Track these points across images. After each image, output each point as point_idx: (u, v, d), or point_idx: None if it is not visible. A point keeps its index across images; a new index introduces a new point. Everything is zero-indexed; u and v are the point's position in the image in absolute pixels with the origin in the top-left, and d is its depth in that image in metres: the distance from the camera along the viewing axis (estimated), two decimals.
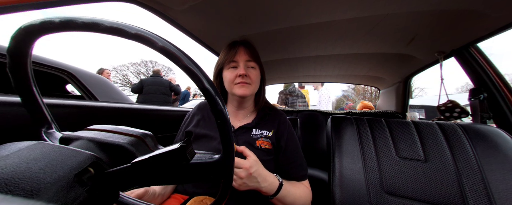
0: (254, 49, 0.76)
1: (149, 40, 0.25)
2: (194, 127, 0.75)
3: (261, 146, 0.69)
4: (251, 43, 0.78)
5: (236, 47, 0.73)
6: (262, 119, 0.76)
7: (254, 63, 0.73)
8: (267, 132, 0.72)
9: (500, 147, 0.63)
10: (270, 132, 0.73)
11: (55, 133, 0.36)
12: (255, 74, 0.73)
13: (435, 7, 0.76)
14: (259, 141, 0.69)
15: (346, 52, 1.29)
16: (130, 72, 24.26)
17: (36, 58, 1.11)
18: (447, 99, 1.15)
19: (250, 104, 0.80)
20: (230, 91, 0.73)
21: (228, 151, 0.30)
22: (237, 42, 0.75)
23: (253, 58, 0.73)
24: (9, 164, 0.21)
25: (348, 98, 25.29)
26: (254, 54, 0.75)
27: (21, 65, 0.31)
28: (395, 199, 0.67)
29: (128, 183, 0.29)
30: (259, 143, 0.69)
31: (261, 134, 0.72)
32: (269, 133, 0.72)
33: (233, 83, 0.70)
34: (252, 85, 0.71)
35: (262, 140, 0.70)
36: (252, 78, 0.71)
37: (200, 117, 0.79)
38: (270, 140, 0.71)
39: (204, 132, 0.72)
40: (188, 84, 11.55)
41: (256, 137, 0.70)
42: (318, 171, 1.20)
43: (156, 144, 0.35)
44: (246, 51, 0.73)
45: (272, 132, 0.73)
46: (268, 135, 0.72)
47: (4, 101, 0.55)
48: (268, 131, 0.73)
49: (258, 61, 0.75)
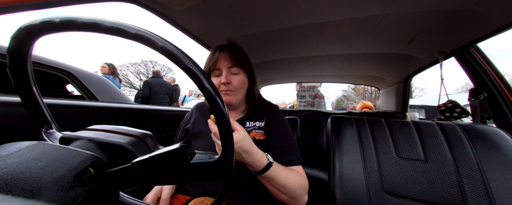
0: (237, 52, 0.72)
1: (149, 40, 0.25)
2: (191, 125, 0.78)
3: (255, 138, 0.69)
4: (234, 45, 0.74)
5: (216, 54, 0.70)
6: (254, 112, 0.77)
7: (238, 69, 0.70)
8: (260, 122, 0.73)
9: (500, 147, 0.63)
10: (262, 123, 0.73)
11: (55, 133, 0.36)
12: (237, 80, 0.70)
13: (435, 7, 0.76)
14: (252, 133, 0.70)
15: (346, 52, 1.29)
16: (130, 72, 24.26)
17: (36, 58, 1.11)
18: (447, 99, 1.15)
19: (242, 104, 0.80)
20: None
21: (228, 151, 0.30)
22: (219, 47, 0.72)
23: (236, 63, 0.70)
24: (9, 164, 0.21)
25: (348, 98, 25.30)
26: (238, 58, 0.71)
27: (21, 65, 0.31)
28: (395, 199, 0.67)
29: (128, 183, 0.29)
30: (253, 135, 0.70)
31: (254, 125, 0.72)
32: (261, 123, 0.73)
33: (219, 89, 0.70)
34: (234, 92, 0.70)
35: (256, 132, 0.71)
36: (234, 85, 0.69)
37: (197, 115, 0.81)
38: (263, 130, 0.71)
39: (200, 129, 0.74)
40: (188, 84, 11.55)
41: (249, 129, 0.71)
42: (318, 171, 1.20)
43: (156, 144, 0.35)
44: (227, 57, 0.69)
45: (264, 121, 0.73)
46: (261, 125, 0.72)
47: (4, 101, 0.55)
48: (260, 121, 0.74)
49: (242, 65, 0.72)
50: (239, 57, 0.72)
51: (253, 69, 0.78)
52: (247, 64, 0.74)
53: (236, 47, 0.74)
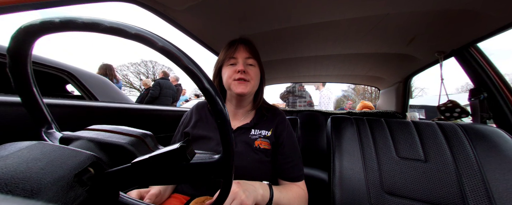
0: (253, 47, 0.76)
1: (149, 40, 0.25)
2: (191, 128, 0.75)
3: (260, 147, 0.68)
4: (250, 41, 0.78)
5: (236, 45, 0.73)
6: (260, 119, 0.76)
7: (254, 61, 0.73)
8: (266, 132, 0.72)
9: (500, 147, 0.63)
10: (268, 132, 0.72)
11: (55, 133, 0.36)
12: (254, 72, 0.72)
13: (435, 7, 0.76)
14: (257, 142, 0.69)
15: (346, 52, 1.29)
16: (130, 72, 24.27)
17: (36, 58, 1.11)
18: (447, 99, 1.15)
19: (249, 102, 0.79)
20: (229, 89, 0.72)
21: (228, 151, 0.30)
22: (237, 40, 0.76)
23: (252, 55, 0.73)
24: (9, 164, 0.21)
25: (348, 98, 25.29)
26: (254, 51, 0.74)
27: (21, 65, 0.31)
28: (395, 199, 0.67)
29: (128, 183, 0.29)
30: (258, 143, 0.68)
31: (260, 134, 0.71)
32: (268, 132, 0.72)
33: (232, 79, 0.70)
34: (251, 82, 0.71)
35: (261, 140, 0.69)
36: (251, 75, 0.71)
37: (197, 118, 0.78)
38: (268, 140, 0.70)
39: (201, 134, 0.72)
40: (189, 84, 11.56)
41: (254, 137, 0.70)
42: (318, 171, 1.20)
43: (156, 144, 0.35)
44: (245, 49, 0.73)
45: (271, 131, 0.73)
46: (267, 135, 0.71)
47: (4, 101, 0.55)
48: (267, 130, 0.72)
49: (257, 59, 0.75)
50: (256, 51, 0.76)
51: (264, 70, 0.80)
52: (260, 60, 0.77)
53: (252, 43, 0.78)
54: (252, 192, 0.51)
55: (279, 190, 0.61)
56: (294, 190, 0.66)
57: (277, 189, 0.60)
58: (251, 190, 0.51)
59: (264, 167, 0.68)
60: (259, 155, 0.67)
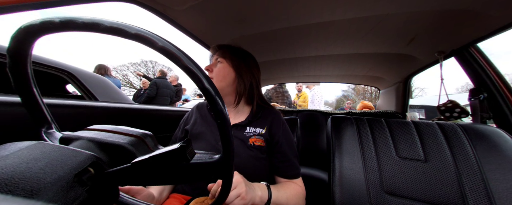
0: (228, 47, 0.79)
1: (149, 40, 0.25)
2: (191, 126, 0.77)
3: (254, 144, 0.69)
4: (226, 44, 0.81)
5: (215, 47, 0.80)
6: (255, 117, 0.76)
7: (221, 59, 0.75)
8: (260, 129, 0.73)
9: (500, 147, 0.63)
10: (263, 130, 0.73)
11: (55, 133, 0.36)
12: (218, 68, 0.74)
13: (435, 7, 0.76)
14: (252, 139, 0.70)
15: (346, 52, 1.29)
16: (130, 72, 24.24)
17: (36, 58, 1.11)
18: (447, 99, 1.15)
19: (234, 99, 0.77)
20: None
21: (228, 151, 0.30)
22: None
23: (221, 54, 0.76)
24: (9, 164, 0.21)
25: (348, 98, 25.29)
26: (226, 50, 0.77)
27: (21, 65, 0.31)
28: (395, 199, 0.67)
29: (128, 183, 0.29)
30: (252, 140, 0.69)
31: (254, 131, 0.72)
32: (262, 130, 0.73)
33: None
34: (213, 80, 0.73)
35: (256, 138, 0.70)
36: (214, 72, 0.74)
37: (197, 116, 0.81)
38: (263, 137, 0.71)
39: (199, 130, 0.74)
40: (189, 84, 11.56)
41: (249, 135, 0.71)
42: (318, 171, 1.20)
43: (156, 144, 0.35)
44: (214, 48, 0.78)
45: (265, 129, 0.73)
46: (261, 132, 0.72)
47: (4, 101, 0.55)
48: (261, 128, 0.73)
49: (228, 57, 0.75)
50: (230, 50, 0.77)
51: (250, 67, 0.78)
52: (235, 59, 0.76)
53: (230, 45, 0.80)
54: (251, 192, 0.52)
55: (277, 189, 0.62)
56: (292, 188, 0.66)
57: (275, 188, 0.61)
58: (251, 188, 0.52)
59: (260, 163, 0.69)
60: (254, 152, 0.68)
